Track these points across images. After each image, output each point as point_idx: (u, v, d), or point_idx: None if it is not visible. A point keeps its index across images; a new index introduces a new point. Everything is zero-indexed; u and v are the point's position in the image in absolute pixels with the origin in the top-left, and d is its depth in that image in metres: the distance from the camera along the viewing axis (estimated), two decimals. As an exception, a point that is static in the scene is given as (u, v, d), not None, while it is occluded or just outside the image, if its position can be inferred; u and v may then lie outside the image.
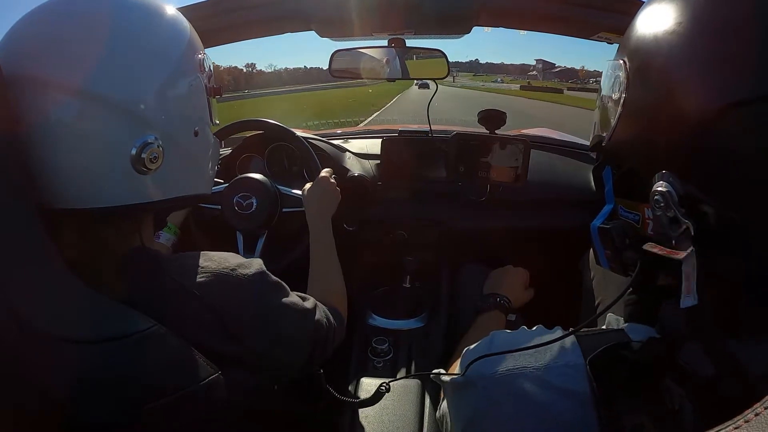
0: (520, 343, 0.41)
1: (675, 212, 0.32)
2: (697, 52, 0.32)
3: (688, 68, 0.32)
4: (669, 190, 0.32)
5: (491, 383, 0.40)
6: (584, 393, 0.35)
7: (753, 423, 0.19)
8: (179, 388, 0.40)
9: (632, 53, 0.38)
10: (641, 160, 0.37)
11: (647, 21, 0.37)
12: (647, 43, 0.36)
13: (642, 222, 0.37)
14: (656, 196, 0.33)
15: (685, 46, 0.33)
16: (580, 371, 0.36)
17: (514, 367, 0.39)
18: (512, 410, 0.38)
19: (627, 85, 0.37)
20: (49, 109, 0.41)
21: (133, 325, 0.39)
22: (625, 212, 0.40)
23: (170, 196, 0.49)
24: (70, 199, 0.43)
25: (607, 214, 0.42)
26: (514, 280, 0.91)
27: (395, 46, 1.07)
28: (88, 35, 0.42)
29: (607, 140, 0.40)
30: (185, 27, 0.50)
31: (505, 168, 1.04)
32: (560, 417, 0.36)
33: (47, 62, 0.41)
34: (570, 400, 0.36)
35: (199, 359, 0.42)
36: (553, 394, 0.36)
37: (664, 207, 0.32)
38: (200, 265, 0.47)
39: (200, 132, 0.51)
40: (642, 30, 0.37)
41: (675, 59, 0.33)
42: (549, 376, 0.37)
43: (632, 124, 0.37)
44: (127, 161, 0.43)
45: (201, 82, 0.51)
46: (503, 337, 0.44)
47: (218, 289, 0.46)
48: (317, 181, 0.91)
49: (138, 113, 0.43)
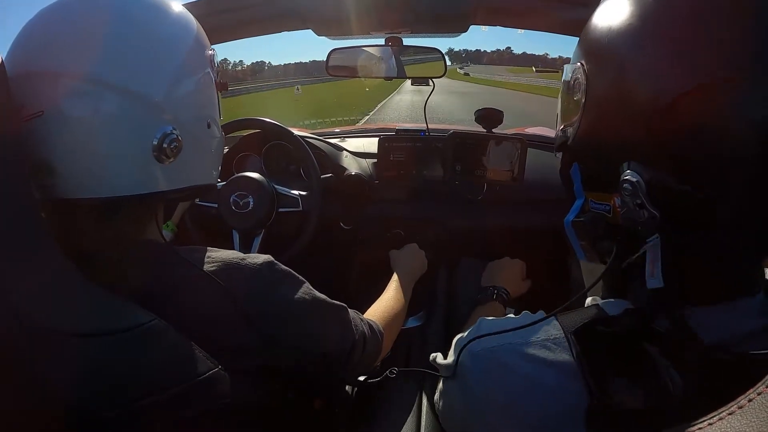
0: (504, 327, 0.43)
1: (642, 199, 0.34)
2: (655, 38, 0.33)
3: (645, 56, 0.33)
4: (637, 179, 0.34)
5: (478, 360, 0.42)
6: (567, 362, 0.37)
7: (746, 409, 0.19)
8: (180, 381, 0.40)
9: (588, 53, 0.39)
10: (607, 153, 0.38)
11: (601, 19, 0.38)
12: (601, 40, 0.37)
13: (613, 211, 0.39)
14: (624, 185, 0.34)
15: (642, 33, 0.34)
16: (561, 343, 0.38)
17: (498, 345, 0.41)
18: (499, 381, 0.40)
19: (587, 85, 0.38)
20: (68, 100, 0.42)
21: (134, 319, 0.39)
22: (596, 204, 0.41)
23: (183, 186, 0.50)
24: (88, 189, 0.44)
25: (578, 209, 0.43)
26: (511, 271, 0.91)
27: (392, 45, 1.08)
28: (102, 30, 0.44)
29: (572, 139, 0.41)
30: (193, 23, 0.52)
31: (502, 167, 1.04)
32: (545, 383, 0.38)
33: (64, 56, 0.42)
34: (553, 368, 0.38)
35: (199, 353, 0.42)
36: (536, 364, 0.38)
37: (632, 194, 0.34)
38: (210, 256, 0.49)
39: (212, 125, 0.53)
40: (596, 29, 0.38)
41: (630, 52, 0.34)
42: (531, 350, 0.39)
43: (595, 120, 0.38)
44: (148, 150, 0.45)
45: (212, 77, 0.53)
46: (489, 322, 0.46)
47: (231, 276, 0.47)
48: (409, 246, 1.04)
49: (154, 101, 0.45)
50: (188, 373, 0.40)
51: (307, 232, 1.01)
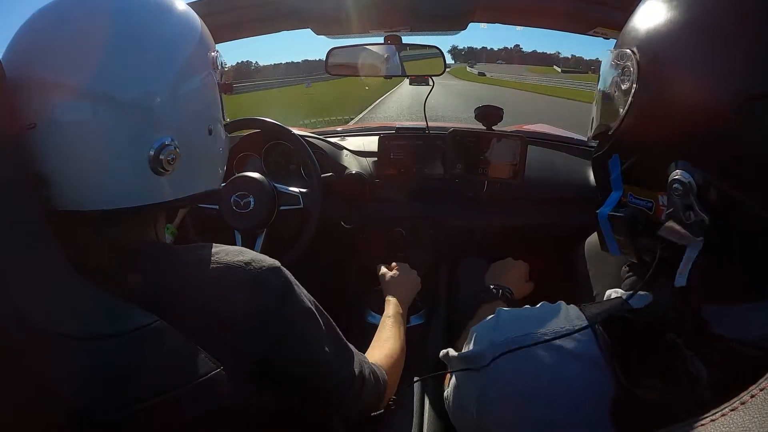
0: (525, 317, 0.42)
1: (692, 201, 0.32)
2: (715, 44, 0.32)
3: (706, 60, 0.33)
4: (688, 179, 0.32)
5: (501, 350, 0.41)
6: (594, 356, 0.37)
7: (749, 404, 0.19)
8: (181, 383, 0.40)
9: (643, 44, 0.37)
10: (656, 148, 0.37)
11: (659, 11, 0.37)
12: (661, 34, 0.36)
13: (655, 209, 0.38)
14: (675, 185, 0.33)
15: (703, 37, 0.33)
16: (588, 335, 0.38)
17: (521, 335, 0.40)
18: (523, 371, 0.39)
19: (638, 75, 0.37)
20: (64, 111, 0.40)
21: (135, 321, 0.39)
22: (636, 199, 0.40)
23: (184, 195, 0.49)
24: (86, 201, 0.43)
25: (615, 201, 0.42)
26: (515, 272, 0.91)
27: (391, 43, 1.07)
28: (95, 35, 0.42)
29: (615, 130, 0.40)
30: (197, 23, 0.50)
31: (503, 164, 1.04)
32: (570, 374, 0.37)
33: (57, 64, 0.40)
34: (578, 360, 0.37)
35: (200, 354, 0.41)
36: (563, 356, 0.38)
37: (682, 195, 0.33)
38: (214, 257, 0.46)
39: (213, 130, 0.51)
40: (654, 20, 0.37)
41: (692, 51, 0.34)
42: (556, 341, 0.38)
43: (645, 114, 0.37)
44: (144, 162, 0.43)
45: (214, 79, 0.51)
46: (508, 312, 0.45)
47: (234, 280, 0.45)
48: (401, 267, 0.98)
49: (152, 112, 0.43)
50: (190, 374, 0.40)
51: (308, 230, 1.00)
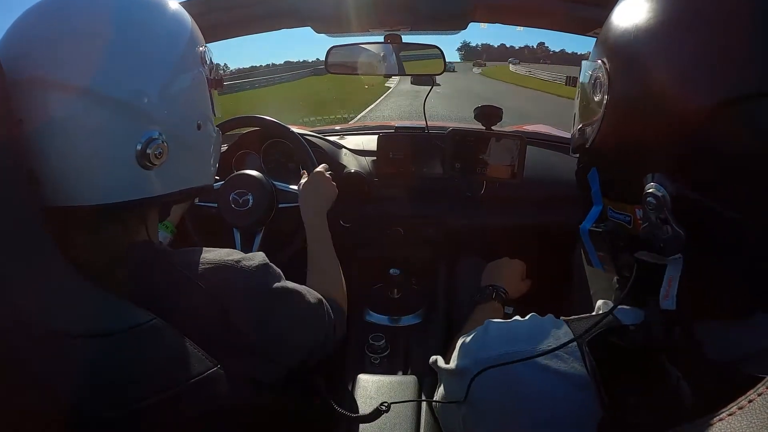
0: (514, 331, 0.41)
1: (667, 215, 0.31)
2: (686, 48, 0.31)
3: (676, 66, 0.31)
4: (662, 193, 0.31)
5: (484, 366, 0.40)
6: (581, 376, 0.35)
7: (746, 409, 0.19)
8: (179, 381, 0.40)
9: (611, 52, 0.36)
10: (629, 161, 0.35)
11: (626, 16, 0.35)
12: (628, 40, 0.34)
13: (633, 222, 0.36)
14: (648, 198, 0.32)
15: (672, 42, 0.31)
16: (573, 353, 0.36)
17: (507, 352, 0.39)
18: (508, 390, 0.38)
19: (609, 86, 0.36)
20: (52, 108, 0.41)
21: (133, 319, 0.39)
22: (615, 213, 0.39)
23: (174, 190, 0.49)
24: (76, 197, 0.43)
25: (596, 216, 0.41)
26: (510, 271, 0.91)
27: (391, 42, 1.07)
28: (86, 31, 0.42)
29: (591, 142, 0.39)
30: (187, 20, 0.50)
31: (502, 164, 1.04)
32: (556, 395, 0.36)
33: (47, 61, 0.41)
34: (565, 380, 0.36)
35: (198, 352, 0.42)
36: (548, 375, 0.37)
37: (656, 209, 0.31)
38: (203, 258, 0.48)
39: (203, 125, 0.52)
40: (621, 26, 0.35)
41: (661, 57, 0.32)
42: (542, 359, 0.37)
43: (617, 125, 0.36)
44: (132, 157, 0.44)
45: (203, 76, 0.52)
46: (497, 326, 0.44)
47: (221, 280, 0.47)
48: (312, 175, 0.91)
49: (141, 109, 0.44)
50: (188, 372, 0.40)
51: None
